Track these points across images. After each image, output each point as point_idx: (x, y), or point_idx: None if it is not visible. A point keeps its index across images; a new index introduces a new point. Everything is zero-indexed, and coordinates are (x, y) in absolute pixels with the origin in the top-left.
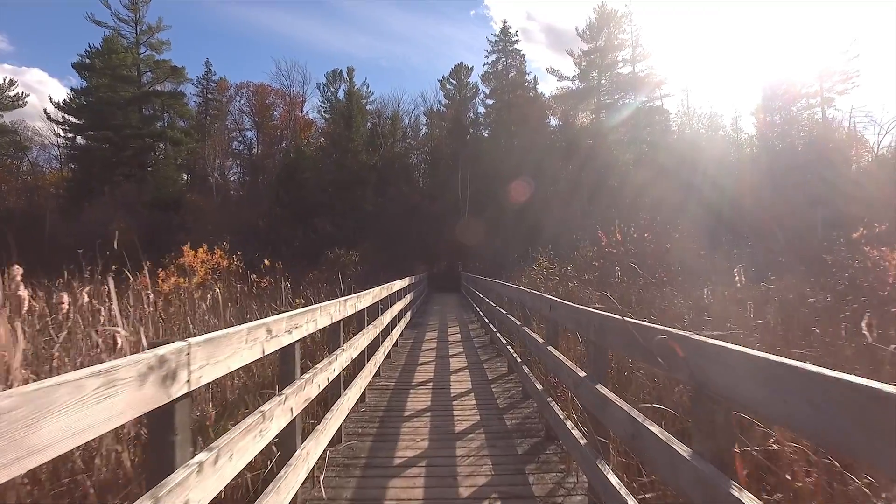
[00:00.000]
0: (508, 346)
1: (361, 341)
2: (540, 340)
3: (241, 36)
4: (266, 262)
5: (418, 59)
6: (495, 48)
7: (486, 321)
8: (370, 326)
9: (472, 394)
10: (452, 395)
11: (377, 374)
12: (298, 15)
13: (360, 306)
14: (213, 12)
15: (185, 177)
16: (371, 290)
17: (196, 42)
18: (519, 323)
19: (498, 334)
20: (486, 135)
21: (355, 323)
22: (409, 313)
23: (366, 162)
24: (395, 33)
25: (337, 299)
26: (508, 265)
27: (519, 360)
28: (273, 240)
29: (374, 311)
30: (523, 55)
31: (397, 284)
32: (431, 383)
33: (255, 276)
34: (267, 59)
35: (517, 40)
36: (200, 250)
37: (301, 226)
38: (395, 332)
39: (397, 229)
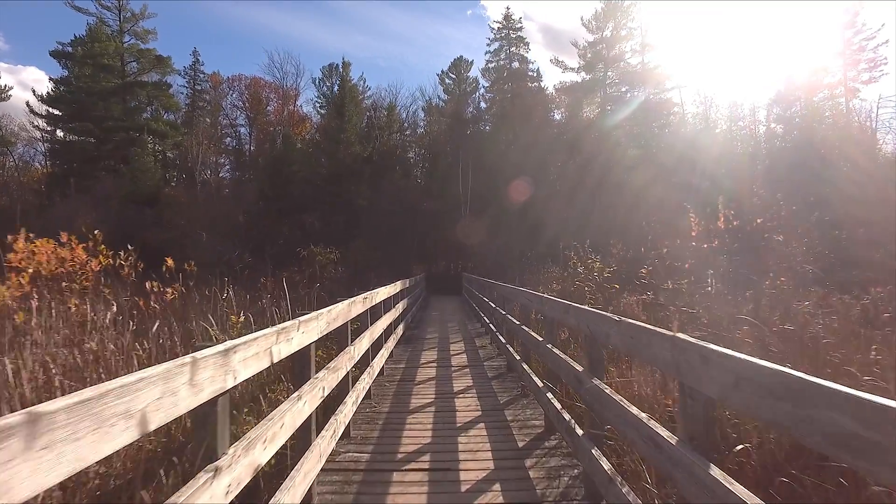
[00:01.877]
0: (550, 395)
1: (293, 416)
2: (666, 438)
3: (236, 34)
4: (168, 261)
5: (416, 58)
6: (498, 35)
7: (503, 342)
8: (323, 372)
9: (499, 484)
10: (464, 486)
11: (345, 434)
12: (295, 15)
13: (292, 348)
14: (210, 12)
15: (171, 172)
16: (333, 306)
17: (188, 41)
18: (579, 368)
19: (524, 365)
20: (486, 130)
21: (324, 349)
22: (401, 326)
23: (360, 154)
24: (393, 32)
25: (205, 350)
26: (510, 265)
27: (579, 431)
28: (255, 237)
29: (341, 337)
30: (527, 42)
31: (382, 292)
32: (429, 456)
33: (155, 283)
34: (262, 57)
35: (521, 27)
36: (41, 242)
37: (287, 222)
38: (379, 361)
39: (393, 227)
